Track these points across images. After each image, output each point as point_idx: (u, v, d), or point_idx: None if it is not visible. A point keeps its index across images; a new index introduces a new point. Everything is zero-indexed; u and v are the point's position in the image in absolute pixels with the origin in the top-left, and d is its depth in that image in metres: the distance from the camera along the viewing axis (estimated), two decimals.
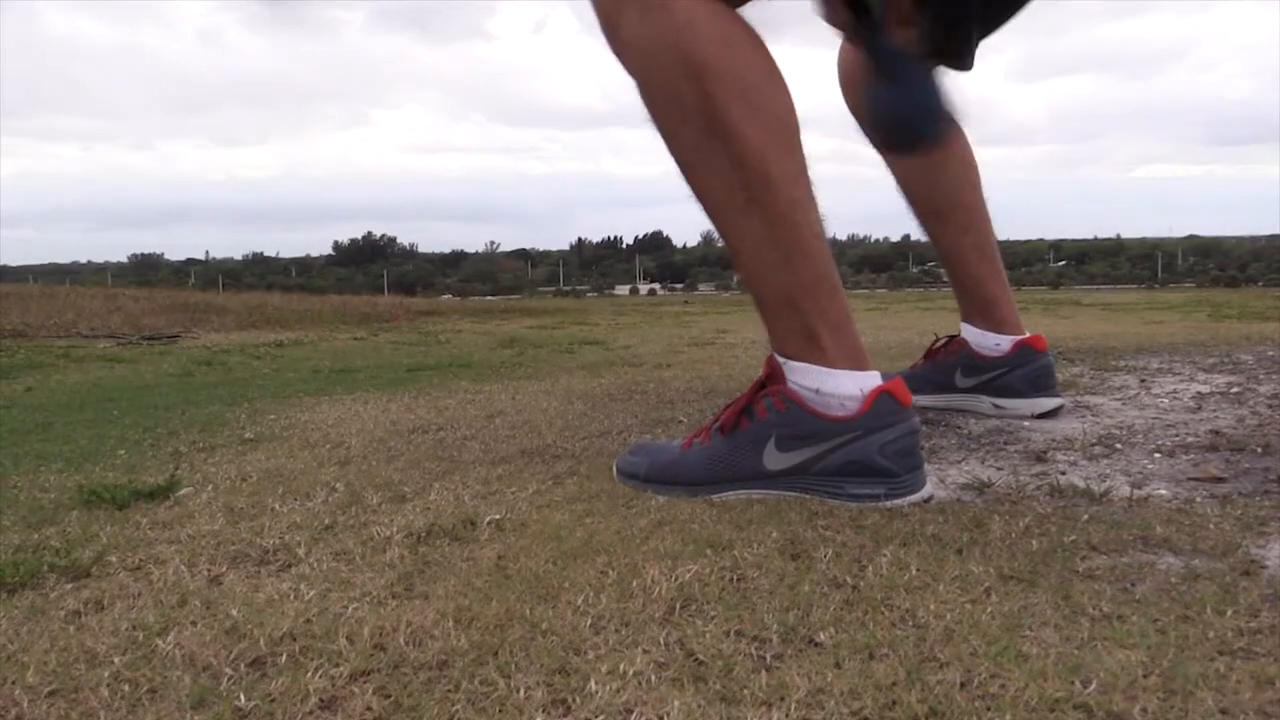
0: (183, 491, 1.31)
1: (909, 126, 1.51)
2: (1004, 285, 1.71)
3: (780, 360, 1.16)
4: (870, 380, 1.13)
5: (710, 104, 1.10)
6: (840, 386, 1.12)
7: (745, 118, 1.10)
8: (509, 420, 1.80)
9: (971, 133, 1.69)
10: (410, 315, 5.66)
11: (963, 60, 1.53)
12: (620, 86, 1.20)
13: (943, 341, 1.78)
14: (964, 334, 1.74)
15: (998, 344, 1.69)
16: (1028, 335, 1.69)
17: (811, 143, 1.17)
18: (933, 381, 1.76)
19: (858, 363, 1.14)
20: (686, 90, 1.10)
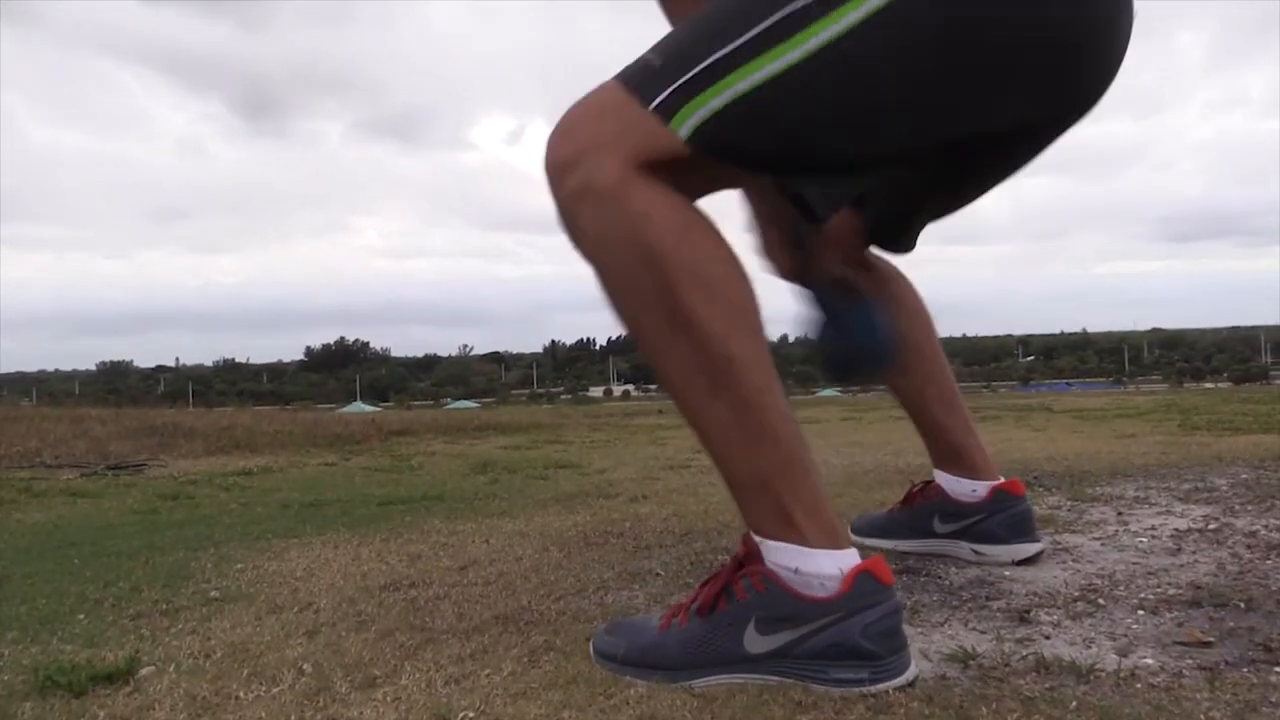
0: (143, 672, 1.26)
1: (860, 365, 1.57)
2: (972, 432, 1.72)
3: (757, 540, 1.14)
4: (849, 559, 1.11)
5: (671, 292, 1.09)
6: (820, 567, 1.10)
7: (705, 304, 1.09)
8: (482, 573, 1.76)
9: (944, 231, 1.71)
10: (382, 435, 5.60)
11: (901, 245, 1.57)
12: None
13: (919, 487, 1.78)
14: (938, 480, 1.74)
15: (974, 490, 1.68)
16: (1003, 480, 1.69)
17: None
18: (911, 527, 1.76)
19: (834, 541, 1.12)
20: (646, 279, 1.10)
